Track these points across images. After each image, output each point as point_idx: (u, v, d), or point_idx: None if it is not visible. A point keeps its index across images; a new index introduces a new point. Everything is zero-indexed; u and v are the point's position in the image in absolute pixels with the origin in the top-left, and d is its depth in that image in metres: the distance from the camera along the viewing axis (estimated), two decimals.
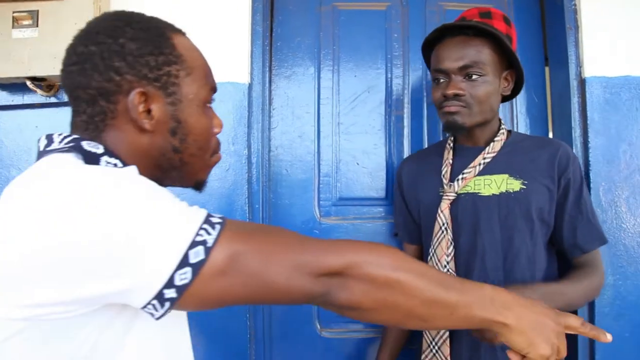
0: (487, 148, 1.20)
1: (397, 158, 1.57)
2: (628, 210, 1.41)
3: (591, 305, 1.38)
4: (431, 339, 1.20)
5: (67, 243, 0.52)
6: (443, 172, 1.24)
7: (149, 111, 0.69)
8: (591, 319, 1.38)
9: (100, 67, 0.66)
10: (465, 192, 1.19)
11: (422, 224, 1.31)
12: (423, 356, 1.22)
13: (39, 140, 0.68)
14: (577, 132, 1.44)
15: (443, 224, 1.19)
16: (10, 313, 0.54)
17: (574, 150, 1.42)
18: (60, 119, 1.46)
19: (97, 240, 0.53)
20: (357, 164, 1.57)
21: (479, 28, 1.12)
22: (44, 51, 1.33)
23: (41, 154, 0.66)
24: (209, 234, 0.58)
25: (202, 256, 0.56)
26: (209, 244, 0.57)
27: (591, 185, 1.40)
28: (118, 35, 0.67)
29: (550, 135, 1.62)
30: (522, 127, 1.59)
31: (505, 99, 1.26)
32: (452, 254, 1.19)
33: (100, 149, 0.66)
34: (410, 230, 1.38)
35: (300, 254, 0.61)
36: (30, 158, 1.45)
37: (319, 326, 1.53)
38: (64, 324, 0.56)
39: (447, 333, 1.17)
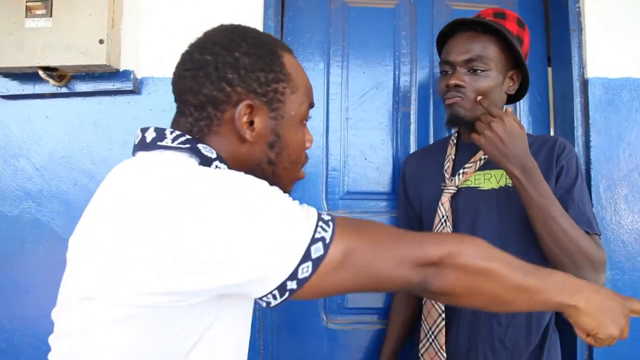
0: None
1: (403, 154, 1.60)
2: (627, 207, 1.46)
3: None
4: (428, 328, 1.23)
5: (195, 233, 0.56)
6: (445, 167, 1.28)
7: (251, 123, 0.72)
8: None
9: (213, 76, 0.70)
10: (466, 186, 1.23)
11: (423, 217, 1.34)
12: (420, 345, 1.26)
13: (144, 130, 0.71)
14: (579, 132, 1.49)
15: (443, 216, 1.23)
16: (133, 299, 0.58)
17: (575, 149, 1.47)
18: (71, 110, 1.46)
19: (224, 232, 0.57)
20: (365, 158, 1.60)
21: (488, 25, 1.15)
22: (57, 41, 1.33)
23: (149, 146, 0.69)
24: (325, 231, 0.63)
25: (321, 252, 0.61)
26: (327, 241, 0.62)
27: (592, 182, 1.45)
28: (233, 48, 0.71)
29: (552, 134, 1.66)
30: (525, 125, 1.63)
31: (511, 100, 1.29)
32: None
33: (214, 154, 0.70)
34: (412, 224, 1.41)
35: (403, 247, 0.67)
36: (40, 148, 1.45)
37: (325, 318, 1.56)
38: (172, 312, 0.60)
39: (443, 322, 1.20)
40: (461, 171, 1.23)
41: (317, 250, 0.61)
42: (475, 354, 1.18)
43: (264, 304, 0.63)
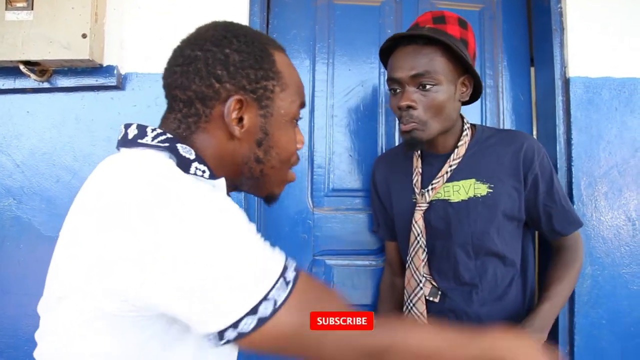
0: (452, 155, 1.21)
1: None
2: (607, 204, 1.49)
3: (571, 294, 1.45)
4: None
5: (151, 249, 0.55)
6: (414, 181, 1.27)
7: (240, 119, 0.71)
8: (571, 307, 1.45)
9: (203, 72, 0.70)
10: (437, 198, 1.23)
11: (396, 226, 1.35)
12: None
13: (127, 126, 0.70)
14: (561, 130, 1.51)
15: (418, 235, 1.24)
16: (99, 302, 0.58)
17: (557, 147, 1.49)
18: (53, 105, 1.44)
19: (183, 264, 0.55)
20: (350, 155, 1.60)
21: (429, 37, 1.10)
22: (39, 35, 1.30)
23: (130, 143, 0.68)
24: (282, 291, 0.61)
25: (269, 313, 0.59)
26: (277, 304, 0.60)
27: (573, 180, 1.48)
28: (224, 45, 0.71)
29: (535, 132, 1.69)
30: (508, 124, 1.66)
31: (466, 102, 1.24)
32: (426, 259, 1.24)
33: (192, 155, 0.68)
34: (390, 228, 1.41)
35: (352, 335, 0.65)
36: (21, 144, 1.43)
37: None
38: (132, 321, 0.60)
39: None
40: (430, 187, 1.22)
41: (265, 309, 0.59)
42: None
43: (205, 340, 0.62)
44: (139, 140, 0.67)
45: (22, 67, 1.33)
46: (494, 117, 1.66)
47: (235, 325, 0.58)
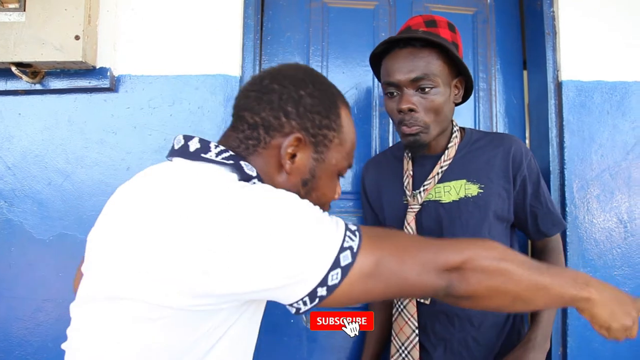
0: (443, 156, 1.22)
1: None
2: (599, 206, 1.50)
3: None
4: (400, 343, 1.24)
5: (237, 239, 0.59)
6: (405, 184, 1.27)
7: (293, 156, 0.77)
8: (564, 309, 1.46)
9: (275, 104, 0.76)
10: (428, 199, 1.23)
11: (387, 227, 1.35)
12: None
13: (188, 138, 0.74)
14: (553, 133, 1.52)
15: None
16: (172, 301, 0.60)
17: (550, 150, 1.50)
18: (45, 107, 1.43)
19: (262, 238, 0.60)
20: None
21: (427, 40, 1.11)
22: (31, 36, 1.30)
23: (191, 155, 0.73)
24: (352, 240, 0.66)
25: (350, 259, 0.65)
26: (355, 249, 0.66)
27: (565, 182, 1.48)
28: (300, 86, 0.78)
29: (527, 135, 1.70)
30: (501, 127, 1.66)
31: (457, 104, 1.24)
32: None
33: (254, 172, 0.74)
34: None
35: (427, 255, 0.70)
36: (12, 146, 1.42)
37: (305, 318, 1.56)
38: (200, 315, 0.63)
39: (417, 339, 1.22)
40: (422, 189, 1.22)
41: (345, 258, 0.64)
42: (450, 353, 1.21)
43: (294, 310, 0.66)
44: (203, 155, 0.72)
45: (14, 68, 1.32)
46: (487, 120, 1.66)
47: (324, 281, 0.63)
